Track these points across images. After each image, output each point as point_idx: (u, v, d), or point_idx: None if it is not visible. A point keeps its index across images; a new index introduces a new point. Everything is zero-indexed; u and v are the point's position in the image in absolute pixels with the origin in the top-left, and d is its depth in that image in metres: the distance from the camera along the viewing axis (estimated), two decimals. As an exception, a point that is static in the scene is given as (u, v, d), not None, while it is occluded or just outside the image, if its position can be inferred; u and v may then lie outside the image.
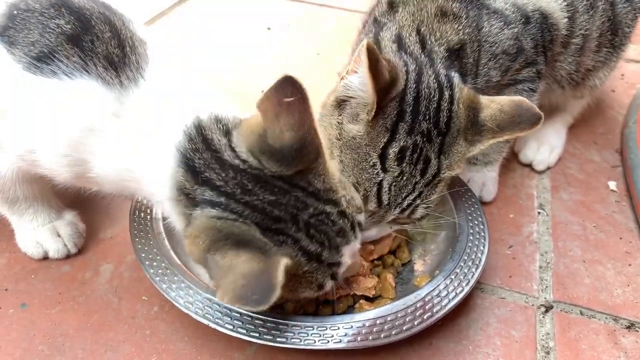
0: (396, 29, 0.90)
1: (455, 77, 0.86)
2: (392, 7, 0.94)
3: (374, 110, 0.79)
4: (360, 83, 0.79)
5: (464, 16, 0.91)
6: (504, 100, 0.83)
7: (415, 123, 0.81)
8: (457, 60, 0.89)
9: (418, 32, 0.89)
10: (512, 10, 0.95)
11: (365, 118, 0.81)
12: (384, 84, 0.78)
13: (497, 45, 0.93)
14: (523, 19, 0.95)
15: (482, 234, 0.94)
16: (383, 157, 0.81)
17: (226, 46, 1.63)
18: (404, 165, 0.81)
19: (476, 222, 0.96)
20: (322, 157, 0.73)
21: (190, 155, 0.70)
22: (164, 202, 0.74)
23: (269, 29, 1.74)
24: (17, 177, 0.84)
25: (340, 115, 0.85)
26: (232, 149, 0.71)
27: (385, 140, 0.81)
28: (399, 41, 0.89)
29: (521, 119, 0.81)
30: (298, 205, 0.71)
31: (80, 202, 1.06)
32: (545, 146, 1.23)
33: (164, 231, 0.91)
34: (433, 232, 0.99)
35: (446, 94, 0.83)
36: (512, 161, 1.25)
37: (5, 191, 0.87)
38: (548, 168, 1.23)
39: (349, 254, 0.76)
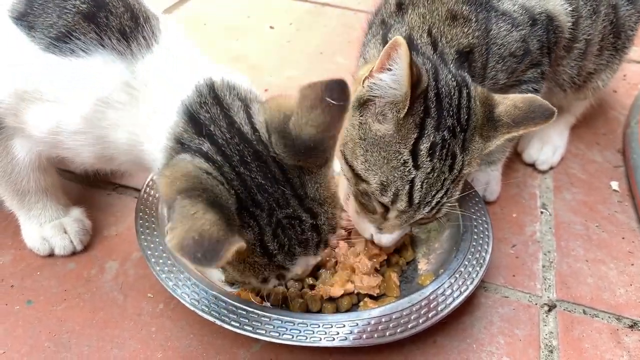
0: (406, 30, 0.90)
1: (468, 77, 0.87)
2: (400, 8, 0.94)
3: (406, 107, 0.78)
4: (393, 81, 0.78)
5: (474, 19, 0.91)
6: (517, 97, 0.85)
7: (441, 119, 0.81)
8: (466, 62, 0.90)
9: (429, 33, 0.89)
10: (520, 12, 0.95)
11: (395, 116, 0.80)
12: (415, 79, 0.77)
13: (505, 47, 0.94)
14: (530, 21, 0.96)
15: (486, 233, 0.95)
16: (414, 153, 0.80)
17: (228, 45, 1.63)
18: (435, 161, 0.81)
19: (480, 221, 0.97)
20: (326, 169, 0.73)
21: (196, 108, 0.72)
22: (155, 156, 0.73)
23: (271, 27, 1.74)
24: (34, 164, 0.86)
25: (363, 115, 0.83)
26: (248, 113, 0.72)
27: (415, 136, 0.80)
28: (410, 42, 0.88)
29: (535, 114, 0.83)
30: (280, 201, 0.70)
31: (86, 199, 1.07)
32: (548, 146, 1.24)
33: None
34: (437, 230, 1.00)
35: (464, 91, 0.84)
36: (515, 161, 1.25)
37: (19, 182, 0.88)
38: (551, 168, 1.24)
39: (301, 266, 0.76)
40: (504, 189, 1.16)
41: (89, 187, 1.12)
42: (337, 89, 0.68)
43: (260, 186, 0.69)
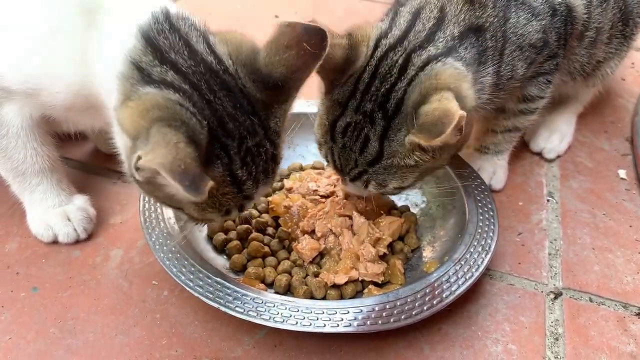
0: (419, 3, 0.87)
1: (443, 61, 0.81)
2: None
3: (325, 87, 0.84)
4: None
5: (491, 5, 0.88)
6: (442, 106, 0.74)
7: (362, 101, 0.82)
8: (475, 38, 0.86)
9: (442, 10, 0.86)
10: (541, 2, 0.93)
11: (323, 90, 0.86)
12: (332, 64, 0.80)
13: (524, 37, 0.91)
14: (551, 11, 0.94)
15: (492, 220, 0.94)
16: (332, 127, 0.85)
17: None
18: (345, 139, 0.84)
19: (486, 209, 0.96)
20: (287, 105, 0.75)
21: (154, 34, 0.70)
22: (110, 84, 0.70)
23: (276, 16, 1.73)
24: (28, 133, 0.87)
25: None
26: (207, 43, 0.71)
27: (337, 114, 0.84)
28: (416, 14, 0.85)
29: (435, 128, 0.73)
30: (249, 130, 0.71)
31: (92, 187, 1.07)
32: (556, 134, 1.23)
33: (173, 216, 0.92)
34: (442, 218, 0.99)
35: (410, 73, 0.80)
36: (522, 149, 1.24)
37: (15, 158, 0.89)
38: (558, 156, 1.23)
39: (260, 193, 0.78)
40: (510, 177, 1.16)
41: (94, 175, 1.13)
42: (316, 37, 0.69)
43: (230, 115, 0.69)
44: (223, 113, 0.69)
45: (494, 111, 1.05)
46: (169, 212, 0.92)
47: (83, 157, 1.16)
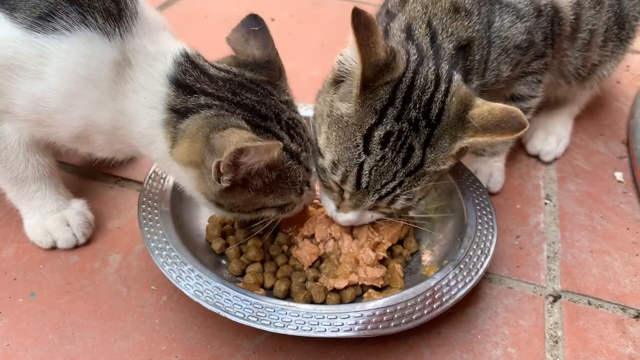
0: (406, 19, 0.90)
1: (457, 75, 0.86)
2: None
3: (360, 82, 0.79)
4: (353, 53, 0.78)
5: (476, 12, 0.90)
6: (497, 105, 0.82)
7: (404, 110, 0.81)
8: (463, 57, 0.89)
9: (429, 25, 0.88)
10: (526, 4, 0.94)
11: (355, 93, 0.80)
12: (375, 60, 0.78)
13: (509, 39, 0.93)
14: (535, 12, 0.94)
15: (491, 223, 0.94)
16: (367, 138, 0.81)
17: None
18: (387, 150, 0.81)
19: (484, 212, 0.96)
20: (284, 77, 0.89)
21: (181, 76, 0.81)
22: (155, 133, 0.81)
23: (273, 19, 1.73)
24: (28, 147, 0.88)
25: (335, 93, 0.85)
26: (216, 67, 0.85)
27: (372, 122, 0.81)
28: (408, 31, 0.89)
29: (506, 124, 0.79)
30: (278, 107, 0.84)
31: (88, 192, 1.07)
32: (553, 137, 1.23)
33: (172, 220, 0.91)
34: (441, 221, 0.99)
35: (442, 86, 0.83)
36: (519, 152, 1.25)
37: (15, 168, 0.89)
38: (555, 159, 1.23)
39: (313, 168, 0.88)
40: (507, 180, 1.16)
41: (91, 180, 1.12)
42: (252, 20, 0.89)
43: (259, 102, 0.82)
44: (253, 103, 0.81)
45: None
46: (167, 217, 0.91)
47: (79, 162, 1.16)
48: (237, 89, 0.82)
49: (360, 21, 0.76)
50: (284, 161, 0.81)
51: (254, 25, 0.88)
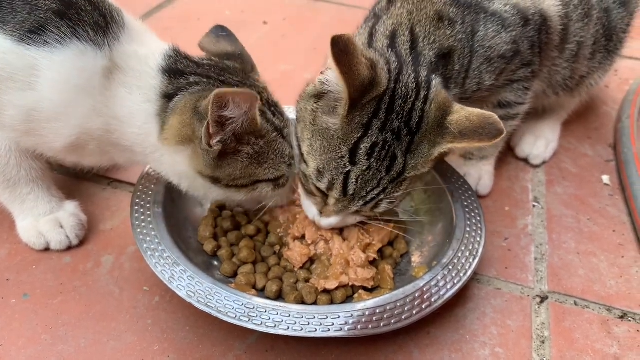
0: (392, 24, 0.91)
1: (436, 80, 0.87)
2: (390, 2, 0.95)
3: (347, 106, 0.80)
4: (336, 79, 0.79)
5: (459, 22, 0.91)
6: (474, 111, 0.83)
7: (388, 120, 0.82)
8: (443, 66, 0.90)
9: (412, 32, 0.90)
10: (512, 13, 0.94)
11: (341, 113, 0.81)
12: (360, 81, 0.79)
13: (492, 49, 0.93)
14: (522, 22, 0.95)
15: (479, 225, 0.96)
16: (354, 151, 0.82)
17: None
18: (372, 160, 0.82)
19: (473, 214, 0.98)
20: (256, 71, 0.97)
21: (172, 65, 0.87)
22: (149, 126, 0.84)
23: (265, 23, 1.74)
24: (18, 152, 0.89)
25: (317, 103, 0.85)
26: (201, 58, 0.92)
27: (358, 135, 0.82)
28: (392, 38, 0.90)
29: (484, 130, 0.81)
30: (259, 88, 0.90)
31: (81, 193, 1.07)
32: (541, 140, 1.25)
33: (164, 222, 0.92)
34: (430, 224, 1.01)
35: (422, 94, 0.84)
36: (508, 155, 1.27)
37: (8, 172, 0.90)
38: (544, 162, 1.25)
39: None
40: (496, 183, 1.18)
41: (84, 181, 1.13)
42: (219, 29, 0.98)
43: (242, 82, 0.90)
44: (237, 83, 0.89)
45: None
46: (160, 218, 0.92)
47: (71, 163, 1.16)
48: (221, 71, 0.89)
49: (340, 49, 0.76)
50: (268, 130, 0.86)
51: (222, 32, 0.97)
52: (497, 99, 1.06)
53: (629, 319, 0.93)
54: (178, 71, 0.86)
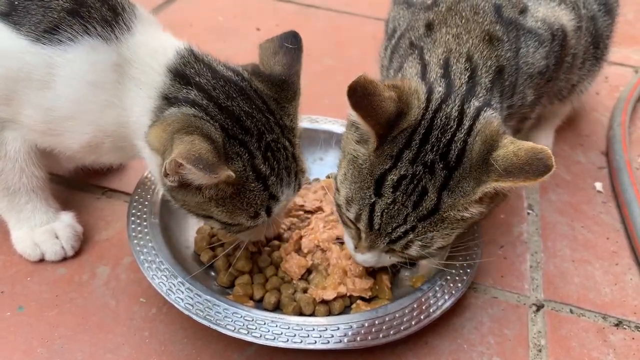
0: (442, 52, 0.86)
1: (487, 112, 0.81)
2: (430, 28, 0.91)
3: (376, 142, 0.77)
4: (360, 120, 0.76)
5: (506, 39, 0.88)
6: (524, 145, 0.75)
7: (420, 152, 0.77)
8: (498, 84, 0.86)
9: (470, 59, 0.85)
10: (544, 29, 0.92)
11: (371, 147, 0.78)
12: (386, 117, 0.75)
13: (534, 65, 0.91)
14: (551, 37, 0.93)
15: (476, 234, 0.96)
16: (380, 182, 0.78)
17: (214, 46, 1.62)
18: (398, 193, 0.77)
19: (469, 223, 0.98)
20: (296, 102, 0.86)
21: (181, 67, 0.82)
22: (143, 120, 0.81)
23: (257, 29, 1.74)
24: (25, 157, 0.89)
25: (354, 132, 0.81)
26: (224, 66, 0.85)
27: (386, 167, 0.77)
28: (446, 67, 0.85)
29: (531, 167, 0.72)
30: (266, 126, 0.81)
31: (75, 203, 1.06)
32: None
33: (161, 232, 0.92)
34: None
35: (466, 124, 0.78)
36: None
37: (10, 178, 0.90)
38: (537, 169, 1.26)
39: (286, 196, 0.84)
40: (491, 190, 1.18)
41: (78, 191, 1.12)
42: (291, 37, 0.87)
43: (247, 114, 0.80)
44: (240, 113, 0.80)
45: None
46: (157, 229, 0.92)
47: (66, 173, 1.15)
48: (234, 93, 0.81)
49: (357, 96, 0.73)
50: (246, 179, 0.78)
51: (292, 42, 0.86)
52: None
53: (624, 326, 0.94)
54: (184, 76, 0.81)
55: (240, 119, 0.79)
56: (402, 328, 0.82)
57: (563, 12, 0.98)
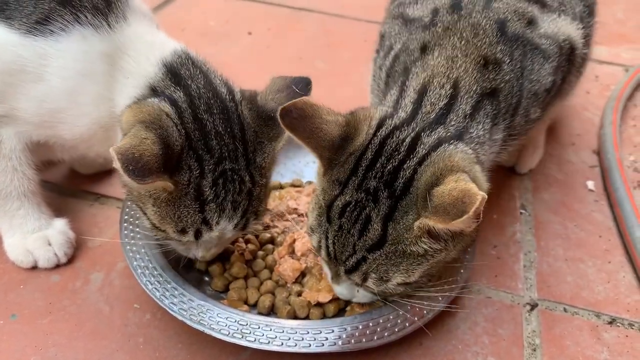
0: (426, 77, 0.84)
1: (453, 146, 0.77)
2: (424, 51, 0.88)
3: (323, 166, 0.77)
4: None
5: (507, 61, 0.85)
6: (461, 186, 0.69)
7: (364, 180, 0.75)
8: (489, 107, 0.84)
9: (455, 85, 0.82)
10: (549, 43, 0.90)
11: (320, 173, 0.79)
12: (329, 141, 0.76)
13: (539, 83, 0.90)
14: (558, 51, 0.91)
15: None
16: (329, 208, 0.76)
17: (206, 51, 1.62)
18: (343, 220, 0.75)
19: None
20: (276, 143, 0.84)
21: (177, 65, 0.83)
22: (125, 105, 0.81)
23: (250, 33, 1.74)
24: (19, 155, 0.89)
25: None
26: (221, 80, 0.85)
27: (335, 193, 0.76)
28: (422, 93, 0.82)
29: (453, 209, 0.67)
30: (231, 154, 0.79)
31: (68, 210, 1.06)
32: (528, 149, 1.26)
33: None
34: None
35: (420, 153, 0.75)
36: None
37: (2, 181, 0.90)
38: (530, 170, 1.26)
39: (221, 230, 0.81)
40: (483, 190, 1.18)
41: (70, 197, 1.12)
42: (304, 83, 0.86)
43: (218, 134, 0.79)
44: (211, 131, 0.78)
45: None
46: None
47: (58, 179, 1.15)
48: (216, 109, 0.80)
49: (292, 118, 0.74)
50: (184, 195, 0.77)
51: (301, 88, 0.85)
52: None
53: (618, 324, 0.95)
54: (177, 75, 0.81)
55: (208, 136, 0.78)
56: (396, 330, 0.82)
57: (565, 22, 0.95)
